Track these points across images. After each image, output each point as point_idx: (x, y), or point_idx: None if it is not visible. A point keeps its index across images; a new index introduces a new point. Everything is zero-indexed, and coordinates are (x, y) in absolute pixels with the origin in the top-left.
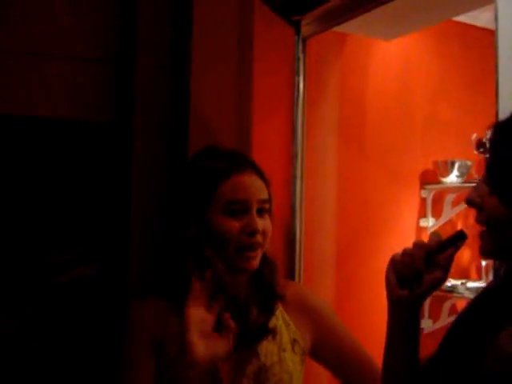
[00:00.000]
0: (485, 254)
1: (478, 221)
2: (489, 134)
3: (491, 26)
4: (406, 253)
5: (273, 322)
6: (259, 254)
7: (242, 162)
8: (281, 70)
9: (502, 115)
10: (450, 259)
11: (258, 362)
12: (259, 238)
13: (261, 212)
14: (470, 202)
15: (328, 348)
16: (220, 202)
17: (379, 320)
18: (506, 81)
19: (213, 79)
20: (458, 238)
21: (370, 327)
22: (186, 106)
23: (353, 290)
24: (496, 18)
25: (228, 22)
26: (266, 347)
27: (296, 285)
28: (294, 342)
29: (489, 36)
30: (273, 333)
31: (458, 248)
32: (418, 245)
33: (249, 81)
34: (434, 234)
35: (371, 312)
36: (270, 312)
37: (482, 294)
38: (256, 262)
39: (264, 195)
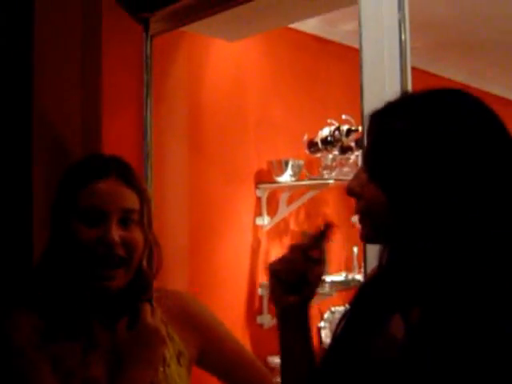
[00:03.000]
0: (365, 239)
1: (357, 209)
2: (320, 134)
3: (318, 32)
4: (284, 260)
5: None
6: (122, 273)
7: (105, 168)
8: (130, 68)
9: (367, 111)
10: (323, 251)
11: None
12: (119, 250)
13: (126, 223)
14: (350, 191)
15: (214, 356)
16: (78, 210)
17: (222, 307)
18: (369, 82)
19: (57, 78)
20: (327, 230)
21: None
22: (29, 107)
23: (202, 282)
24: (360, 24)
25: (73, 17)
26: None
27: (177, 293)
28: (179, 354)
29: (316, 41)
30: None
31: (328, 239)
32: (294, 248)
33: (97, 79)
34: (304, 233)
35: (217, 300)
36: None
37: (368, 283)
38: (117, 282)
39: (130, 205)
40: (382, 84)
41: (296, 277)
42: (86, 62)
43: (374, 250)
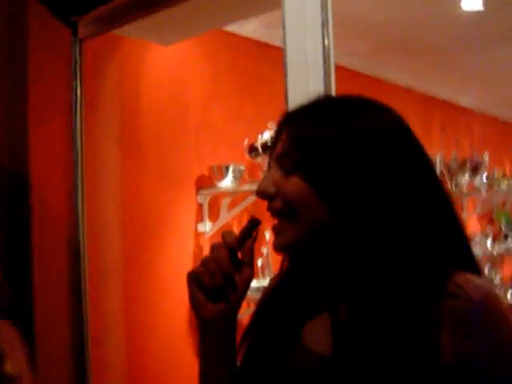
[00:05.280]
0: (280, 246)
1: (274, 210)
2: (260, 138)
3: (259, 35)
4: (208, 260)
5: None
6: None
7: None
8: (59, 73)
9: None
10: (251, 252)
11: None
12: None
13: None
14: (262, 193)
15: None
16: None
17: (164, 317)
18: (293, 84)
19: None
20: (253, 226)
21: (156, 325)
22: None
23: (140, 293)
24: (283, 28)
25: None
26: None
27: None
28: None
29: (256, 45)
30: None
31: (255, 238)
32: (218, 246)
33: (23, 85)
34: (226, 231)
35: (159, 311)
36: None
37: (270, 292)
38: None
39: None
40: (306, 86)
41: (221, 280)
42: (11, 68)
43: None
